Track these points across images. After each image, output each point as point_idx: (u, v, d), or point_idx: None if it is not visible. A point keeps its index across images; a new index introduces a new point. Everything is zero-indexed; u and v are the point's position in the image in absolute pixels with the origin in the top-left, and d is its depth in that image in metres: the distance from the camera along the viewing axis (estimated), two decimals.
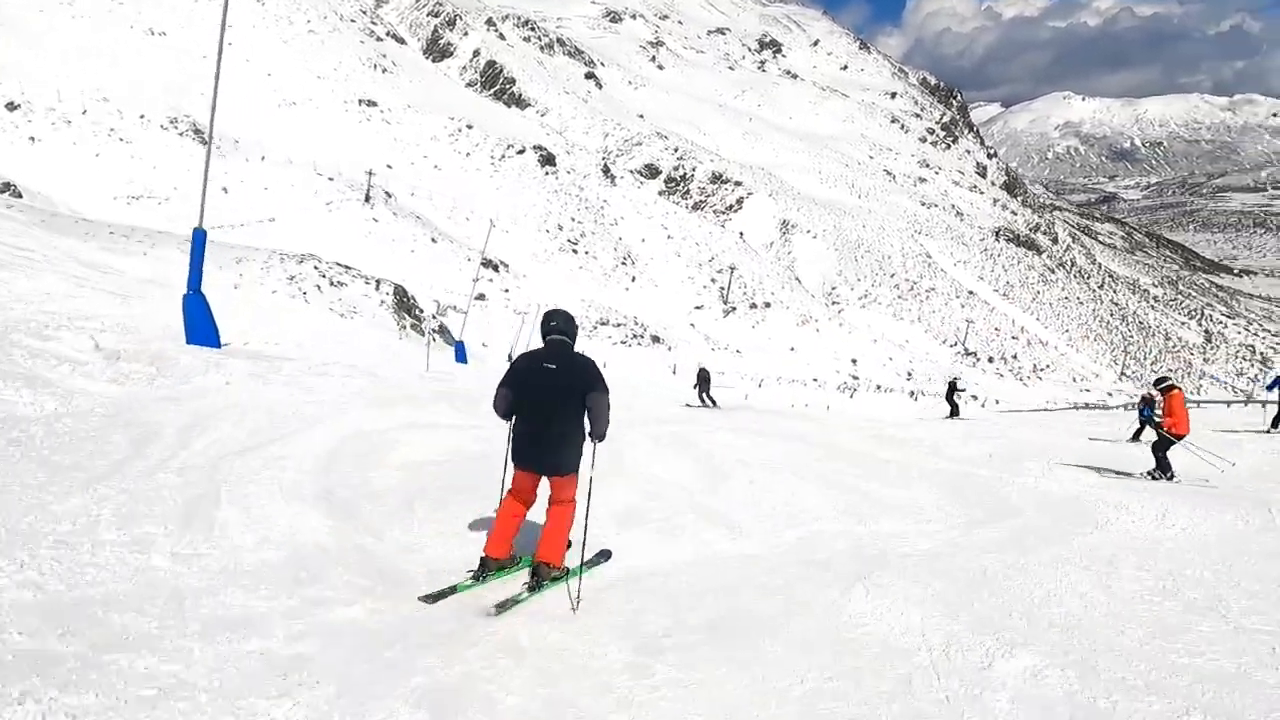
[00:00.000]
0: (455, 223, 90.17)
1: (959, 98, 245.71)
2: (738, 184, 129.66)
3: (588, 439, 4.54)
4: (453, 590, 4.34)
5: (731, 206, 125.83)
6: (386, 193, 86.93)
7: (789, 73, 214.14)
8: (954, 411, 23.90)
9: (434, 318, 33.00)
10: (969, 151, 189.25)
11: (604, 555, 5.23)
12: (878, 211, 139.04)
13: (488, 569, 4.52)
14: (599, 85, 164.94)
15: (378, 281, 32.12)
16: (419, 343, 28.87)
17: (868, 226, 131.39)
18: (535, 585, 4.43)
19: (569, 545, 4.74)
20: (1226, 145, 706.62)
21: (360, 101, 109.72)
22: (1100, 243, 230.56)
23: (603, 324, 77.41)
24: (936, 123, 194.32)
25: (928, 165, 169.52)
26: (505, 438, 4.78)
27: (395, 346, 21.36)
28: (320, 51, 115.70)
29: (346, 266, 33.42)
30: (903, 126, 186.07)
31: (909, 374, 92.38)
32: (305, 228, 71.65)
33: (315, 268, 30.72)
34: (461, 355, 22.11)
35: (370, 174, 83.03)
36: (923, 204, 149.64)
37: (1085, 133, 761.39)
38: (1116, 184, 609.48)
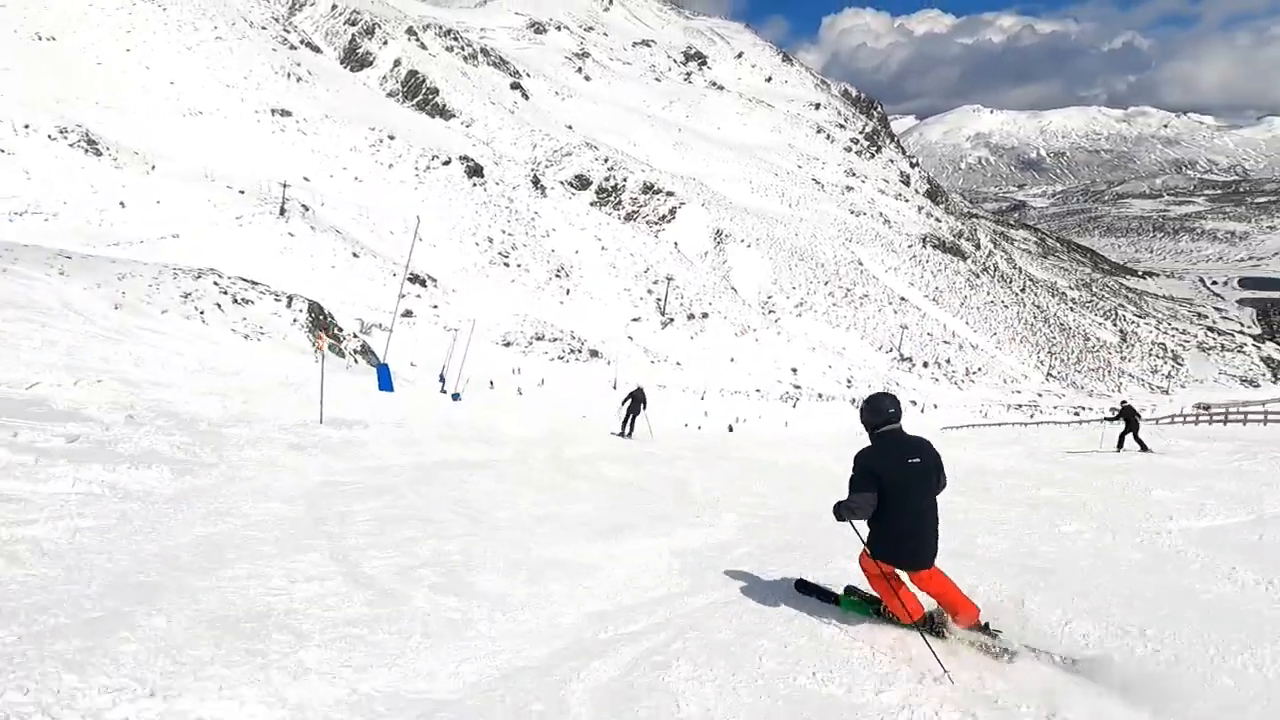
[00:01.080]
0: (379, 236, 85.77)
1: (879, 109, 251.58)
2: (670, 194, 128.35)
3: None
4: None
5: (664, 217, 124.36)
6: (304, 206, 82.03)
7: (715, 84, 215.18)
8: (1140, 445, 16.09)
9: (355, 336, 29.62)
10: (892, 161, 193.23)
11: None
12: (809, 220, 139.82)
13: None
14: (525, 96, 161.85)
15: (289, 298, 28.57)
16: (337, 366, 25.52)
17: (800, 235, 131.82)
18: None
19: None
20: (1124, 155, 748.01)
21: (274, 111, 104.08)
22: (1017, 248, 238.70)
23: (539, 339, 74.32)
24: (860, 132, 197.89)
25: (854, 174, 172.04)
26: None
27: (306, 371, 18.08)
28: (229, 59, 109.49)
29: (253, 282, 29.75)
30: (828, 136, 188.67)
31: (849, 381, 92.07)
32: (213, 244, 66.49)
33: (215, 284, 27.02)
34: (386, 382, 18.88)
35: (285, 186, 78.11)
36: (852, 212, 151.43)
37: (995, 143, 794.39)
38: (1025, 192, 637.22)
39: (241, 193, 78.39)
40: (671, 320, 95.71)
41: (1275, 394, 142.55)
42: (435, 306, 72.48)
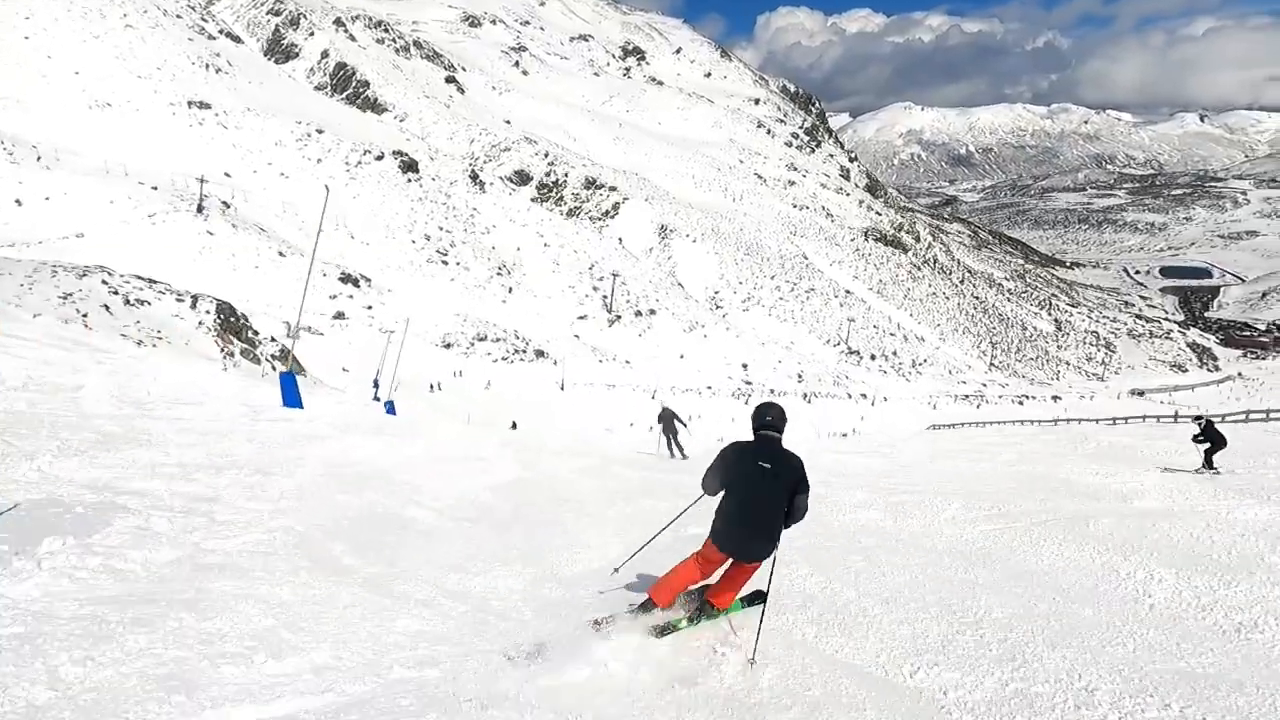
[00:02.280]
0: (308, 235, 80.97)
1: (817, 104, 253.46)
2: (612, 189, 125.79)
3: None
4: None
5: (608, 212, 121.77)
6: (224, 203, 76.89)
7: (654, 79, 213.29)
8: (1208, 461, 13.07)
9: (274, 340, 26.35)
10: (832, 155, 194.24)
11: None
12: (753, 214, 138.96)
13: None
14: (461, 90, 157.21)
15: (194, 298, 25.10)
16: (249, 376, 22.28)
17: (745, 229, 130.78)
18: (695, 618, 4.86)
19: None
20: (1048, 150, 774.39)
21: (191, 104, 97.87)
22: (953, 241, 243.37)
23: (480, 339, 70.99)
24: (800, 128, 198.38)
25: (795, 169, 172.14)
26: None
27: (203, 385, 15.02)
28: (140, 49, 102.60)
29: (151, 281, 26.15)
30: (768, 131, 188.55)
31: (799, 375, 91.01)
32: (122, 244, 61.37)
33: (104, 282, 23.45)
34: (292, 396, 15.56)
35: (203, 181, 72.96)
36: (795, 206, 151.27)
37: (926, 140, 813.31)
38: (956, 187, 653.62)
39: (155, 189, 72.88)
40: (618, 318, 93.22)
41: (1203, 378, 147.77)
42: (370, 307, 68.48)
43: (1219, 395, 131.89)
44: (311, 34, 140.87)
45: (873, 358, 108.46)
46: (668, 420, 17.07)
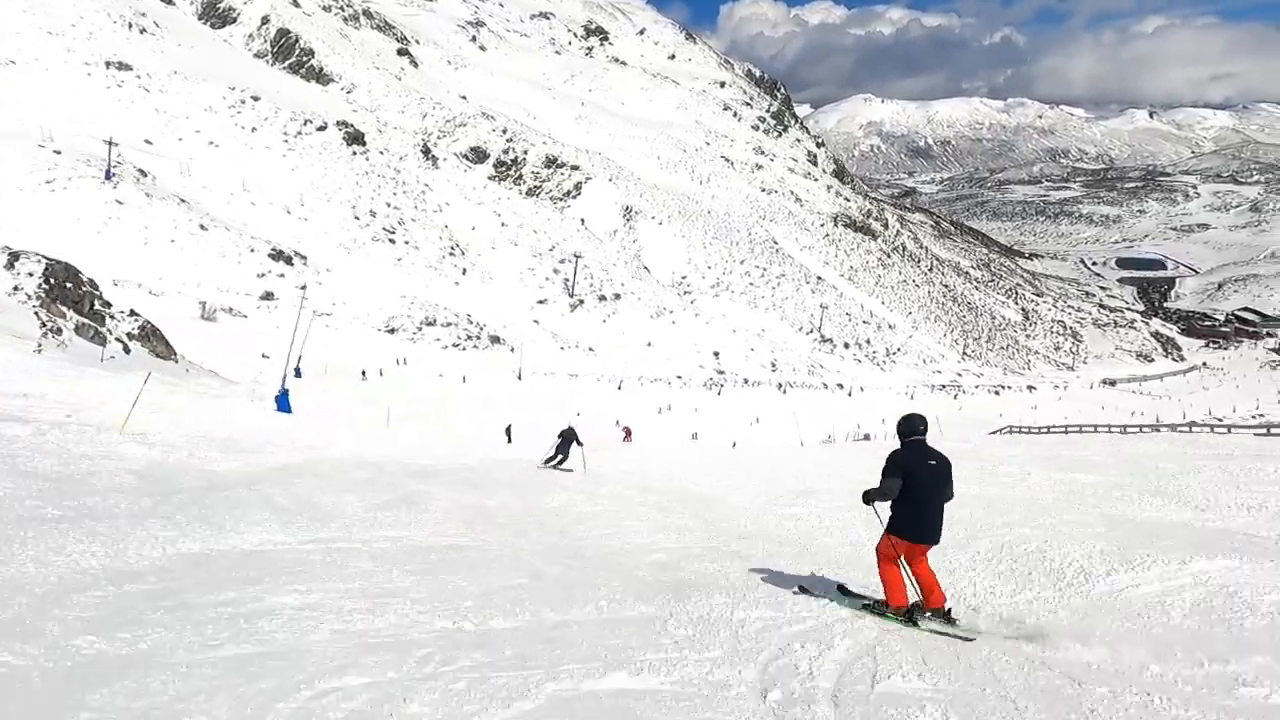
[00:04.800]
0: (236, 208, 73.49)
1: (782, 89, 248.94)
2: (575, 168, 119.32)
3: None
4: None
5: (570, 192, 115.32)
6: (140, 170, 68.93)
7: (617, 60, 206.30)
8: None
9: (133, 315, 20.00)
10: (799, 140, 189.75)
11: None
12: (721, 197, 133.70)
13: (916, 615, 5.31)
14: (414, 63, 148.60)
15: (13, 256, 18.55)
16: (80, 361, 15.97)
17: (713, 212, 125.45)
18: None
19: None
20: (1004, 143, 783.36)
21: (110, 64, 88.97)
22: (917, 230, 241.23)
23: (429, 324, 64.43)
24: (766, 111, 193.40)
25: (763, 152, 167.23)
26: None
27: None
28: (52, 3, 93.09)
29: None
30: (735, 114, 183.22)
31: (773, 365, 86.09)
32: (14, 212, 53.60)
33: None
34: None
35: (112, 145, 64.99)
36: (763, 190, 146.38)
37: (886, 131, 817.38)
38: (915, 179, 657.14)
39: (58, 153, 64.70)
40: (581, 302, 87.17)
41: (1169, 368, 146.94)
42: (303, 287, 61.26)
43: (1186, 385, 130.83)
44: None
45: (846, 346, 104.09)
46: (567, 439, 17.12)
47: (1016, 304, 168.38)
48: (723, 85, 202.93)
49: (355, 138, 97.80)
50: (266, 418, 16.33)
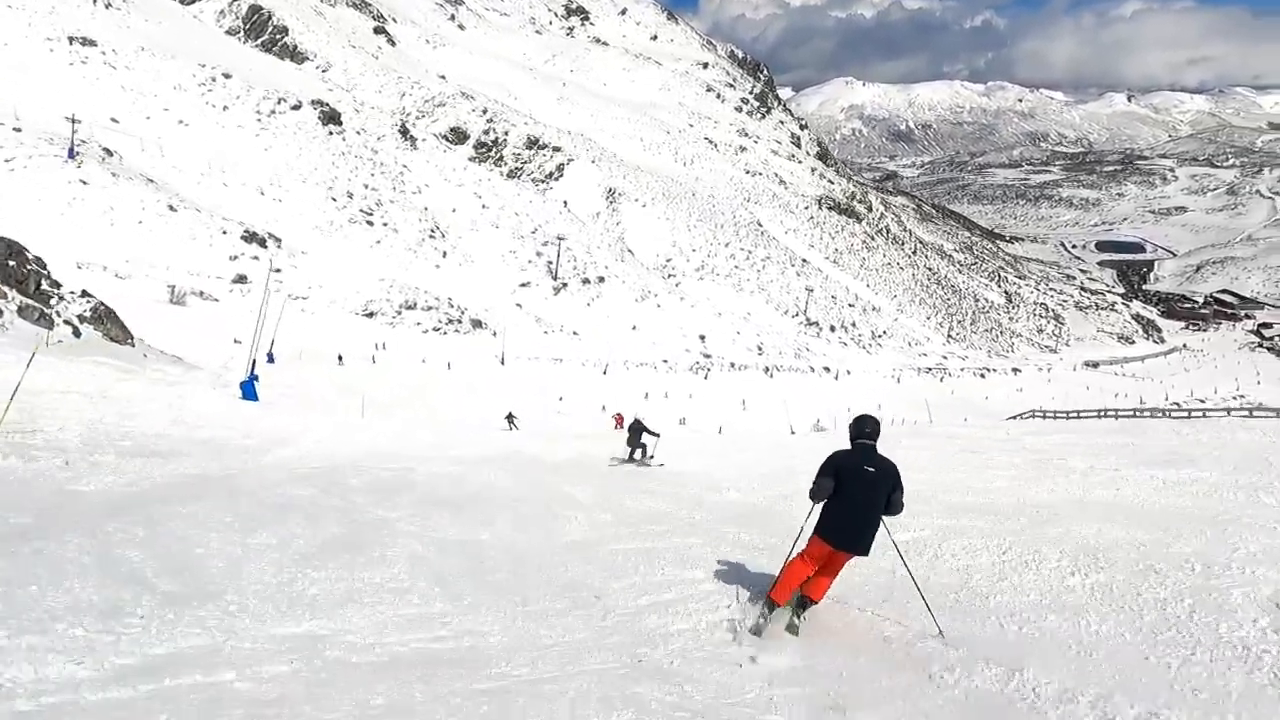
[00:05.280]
0: (207, 188, 71.15)
1: (765, 71, 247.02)
2: (556, 149, 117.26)
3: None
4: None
5: (552, 174, 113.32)
6: (106, 150, 66.39)
7: (599, 40, 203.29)
8: None
9: (85, 296, 18.47)
10: (782, 122, 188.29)
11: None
12: (705, 179, 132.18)
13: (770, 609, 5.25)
14: (391, 42, 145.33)
15: None
16: (17, 343, 14.46)
17: (697, 194, 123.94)
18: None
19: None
20: (985, 127, 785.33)
21: (73, 40, 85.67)
22: (900, 213, 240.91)
23: (409, 308, 62.76)
24: (750, 93, 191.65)
25: (746, 134, 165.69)
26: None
27: None
28: None
29: None
30: (718, 96, 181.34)
31: (759, 348, 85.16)
32: None
33: None
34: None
35: (74, 122, 62.39)
36: (747, 172, 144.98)
37: (867, 115, 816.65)
38: (897, 163, 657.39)
39: (18, 130, 62.06)
40: (564, 285, 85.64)
41: (1151, 350, 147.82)
42: (278, 270, 59.36)
43: (1168, 366, 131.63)
44: None
45: (832, 329, 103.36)
46: (636, 431, 16.31)
47: (999, 287, 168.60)
48: (705, 66, 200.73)
49: (331, 117, 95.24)
50: (228, 406, 14.94)
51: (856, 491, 5.07)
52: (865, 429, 5.26)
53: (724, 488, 11.52)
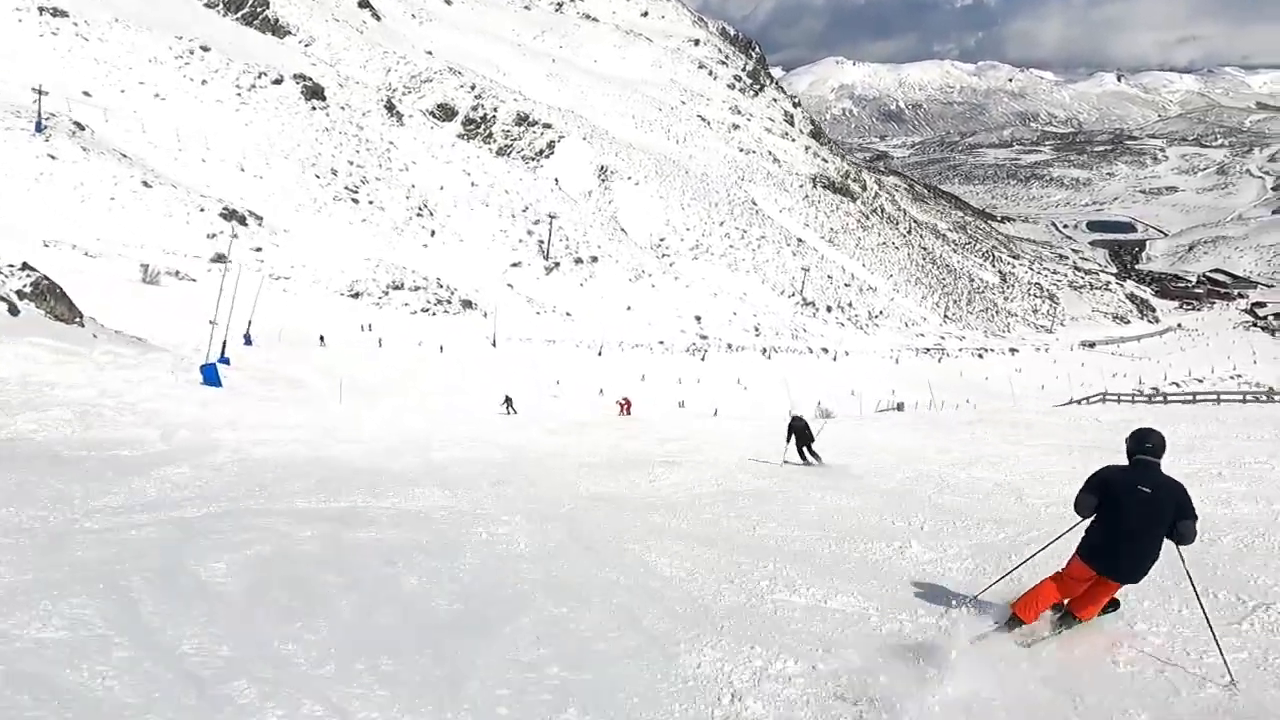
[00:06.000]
0: (185, 165, 68.46)
1: (757, 49, 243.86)
2: (547, 126, 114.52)
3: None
4: None
5: (542, 151, 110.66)
6: (77, 123, 63.59)
7: (588, 16, 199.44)
8: None
9: (26, 269, 16.45)
10: (775, 100, 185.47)
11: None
12: (699, 157, 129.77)
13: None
14: (376, 17, 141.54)
15: None
16: None
17: (691, 173, 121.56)
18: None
19: None
20: (975, 107, 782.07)
21: (43, 10, 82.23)
22: (893, 192, 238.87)
23: (396, 288, 60.61)
24: (742, 70, 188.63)
25: (739, 112, 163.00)
26: None
27: None
28: None
29: None
30: (710, 73, 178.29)
31: (756, 329, 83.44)
32: None
33: None
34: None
35: (41, 93, 59.61)
36: (741, 150, 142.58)
37: (858, 95, 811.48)
38: (887, 143, 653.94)
39: None
40: (557, 265, 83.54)
41: (1145, 330, 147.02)
42: (259, 249, 57.18)
43: (1164, 346, 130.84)
44: None
45: (829, 309, 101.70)
46: (799, 431, 14.44)
47: (994, 267, 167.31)
48: (697, 43, 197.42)
49: (314, 92, 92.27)
50: (183, 393, 13.04)
51: (1128, 514, 4.52)
52: (1146, 443, 4.66)
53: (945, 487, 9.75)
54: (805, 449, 14.07)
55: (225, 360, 21.72)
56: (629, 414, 27.51)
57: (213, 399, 13.05)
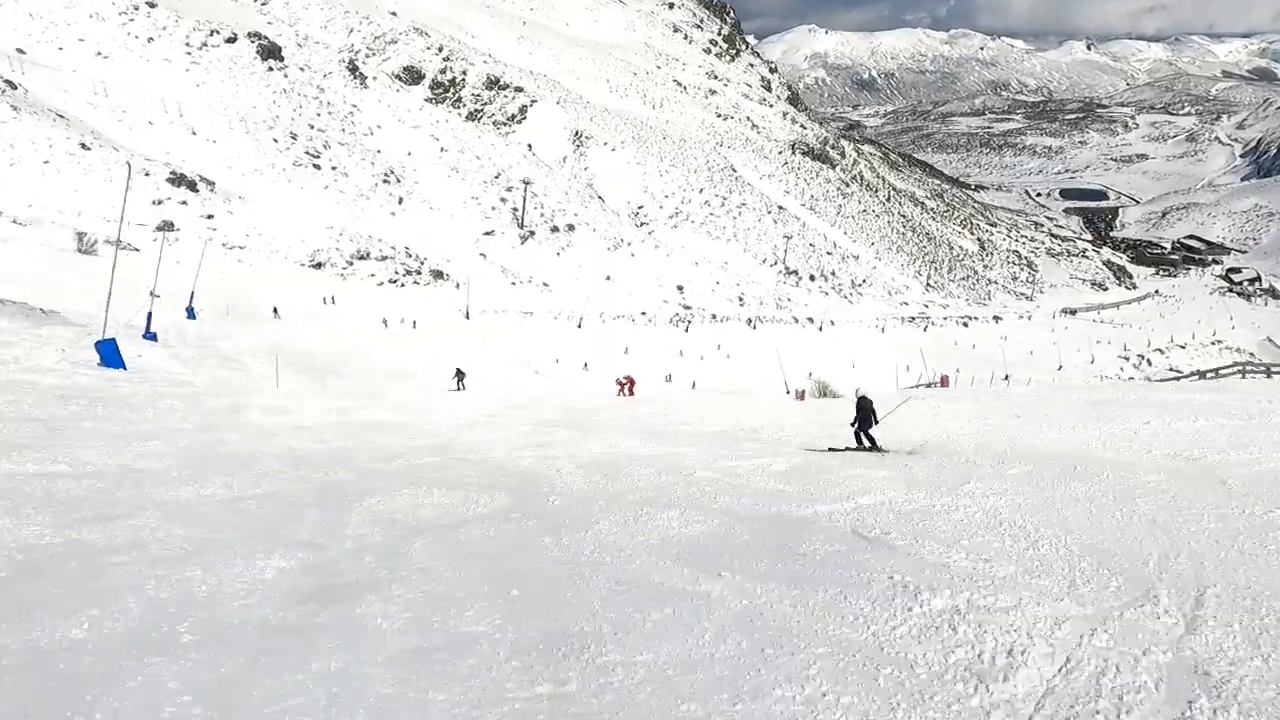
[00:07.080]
0: (130, 127, 63.66)
1: (732, 13, 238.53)
2: (519, 90, 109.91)
3: None
4: None
5: (514, 116, 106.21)
6: (8, 82, 58.57)
7: None
8: None
9: None
10: (752, 65, 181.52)
11: None
12: (676, 122, 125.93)
13: None
14: None
15: None
16: None
17: (669, 138, 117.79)
18: None
19: None
20: (948, 75, 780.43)
21: None
22: (871, 160, 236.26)
23: (361, 258, 56.88)
24: (718, 34, 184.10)
25: (716, 77, 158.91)
26: None
27: None
28: None
29: None
30: (686, 37, 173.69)
31: (740, 299, 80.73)
32: None
33: None
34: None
35: None
36: (719, 115, 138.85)
37: (830, 64, 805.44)
38: (860, 112, 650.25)
39: None
40: (532, 234, 79.93)
41: (1124, 296, 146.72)
42: (210, 217, 53.08)
43: (1143, 313, 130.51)
44: None
45: (812, 278, 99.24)
46: (865, 412, 12.34)
47: (972, 235, 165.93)
48: (671, 6, 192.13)
49: (270, 51, 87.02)
50: (68, 380, 9.89)
51: None
52: None
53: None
54: (865, 433, 12.31)
55: (151, 336, 18.49)
56: (632, 394, 23.94)
57: (106, 387, 9.98)
